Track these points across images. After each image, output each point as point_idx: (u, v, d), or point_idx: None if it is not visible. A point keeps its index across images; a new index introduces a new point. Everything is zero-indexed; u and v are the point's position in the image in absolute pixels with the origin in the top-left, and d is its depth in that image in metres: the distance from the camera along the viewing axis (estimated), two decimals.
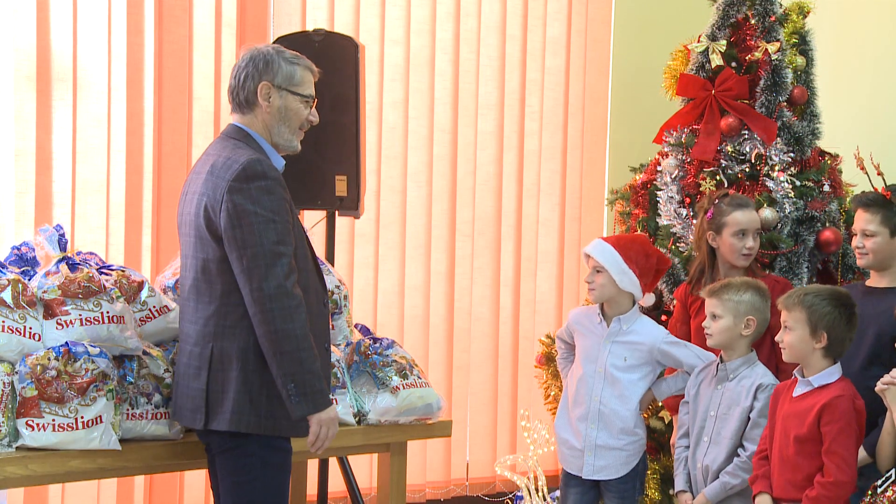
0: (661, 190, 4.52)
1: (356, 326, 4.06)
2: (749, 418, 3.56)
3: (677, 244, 4.41)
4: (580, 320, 3.96)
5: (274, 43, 4.59)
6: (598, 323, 3.88)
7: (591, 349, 3.87)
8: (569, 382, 3.95)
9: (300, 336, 3.05)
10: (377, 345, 3.86)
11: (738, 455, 3.56)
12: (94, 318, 3.32)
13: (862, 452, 3.42)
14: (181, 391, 3.27)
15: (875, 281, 3.79)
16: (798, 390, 3.34)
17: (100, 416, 3.22)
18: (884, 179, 3.86)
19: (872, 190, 3.83)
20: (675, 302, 4.33)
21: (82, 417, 3.19)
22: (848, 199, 4.48)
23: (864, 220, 3.75)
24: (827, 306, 3.30)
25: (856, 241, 3.78)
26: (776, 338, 3.43)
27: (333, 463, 4.64)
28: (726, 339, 3.63)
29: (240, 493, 3.19)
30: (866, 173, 3.90)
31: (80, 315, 3.31)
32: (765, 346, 3.81)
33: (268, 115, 3.24)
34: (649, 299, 4.32)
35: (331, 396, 3.28)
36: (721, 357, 3.69)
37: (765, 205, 4.26)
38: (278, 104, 3.24)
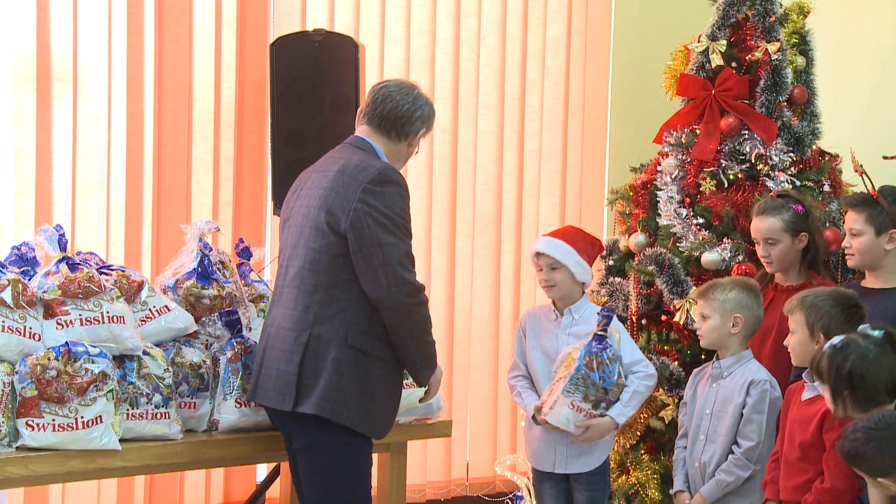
0: (661, 190, 4.52)
1: None
2: (742, 415, 3.57)
3: (677, 244, 4.41)
4: (535, 321, 4.03)
5: (275, 42, 4.61)
6: (554, 319, 3.97)
7: (547, 345, 3.94)
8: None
9: (426, 319, 3.34)
10: None
11: (733, 452, 3.57)
12: (94, 318, 3.33)
13: None
14: (267, 373, 3.37)
15: (870, 282, 3.79)
16: (805, 394, 3.34)
17: (100, 416, 3.22)
18: (870, 179, 3.87)
19: (865, 191, 3.84)
20: (675, 301, 4.34)
21: (82, 417, 3.19)
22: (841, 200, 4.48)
23: (851, 220, 3.78)
24: (825, 307, 3.29)
25: (844, 242, 3.81)
26: (784, 342, 3.43)
27: None
28: (716, 338, 3.65)
29: (325, 487, 3.31)
30: (865, 176, 3.91)
31: (80, 315, 3.31)
32: (771, 350, 3.82)
33: (405, 151, 3.50)
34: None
35: None
36: (717, 356, 3.70)
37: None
38: (412, 150, 3.54)
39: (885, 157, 4.23)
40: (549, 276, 3.90)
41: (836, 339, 3.04)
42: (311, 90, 4.54)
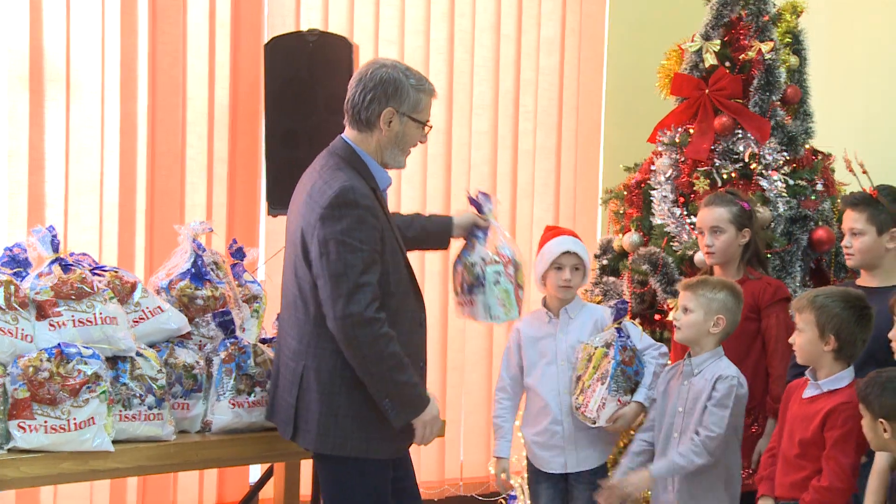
0: (654, 189, 4.53)
1: None
2: (706, 406, 3.55)
3: (671, 243, 4.41)
4: (530, 330, 4.00)
5: (269, 42, 4.60)
6: (548, 322, 3.96)
7: (547, 348, 3.93)
8: (529, 396, 3.99)
9: (387, 355, 3.10)
10: None
11: (692, 439, 3.54)
12: (86, 320, 3.31)
13: None
14: (278, 398, 3.37)
15: (866, 280, 3.80)
16: (808, 392, 3.36)
17: (92, 418, 3.20)
18: (870, 178, 3.88)
19: (861, 190, 3.84)
20: (668, 300, 4.35)
21: (74, 419, 3.18)
22: (840, 199, 4.48)
23: (851, 219, 3.77)
24: (836, 308, 3.29)
25: (844, 241, 3.81)
26: (790, 339, 3.43)
27: None
28: (693, 333, 3.62)
29: (339, 500, 3.27)
30: (855, 175, 3.93)
31: (73, 316, 3.30)
32: (752, 354, 3.83)
33: (384, 138, 3.26)
34: None
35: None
36: (688, 353, 3.69)
37: (758, 204, 4.27)
38: (397, 129, 3.25)
39: None
40: (571, 276, 3.90)
41: None
42: (306, 90, 4.53)
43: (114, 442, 3.28)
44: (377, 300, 3.10)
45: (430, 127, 3.35)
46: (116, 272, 3.56)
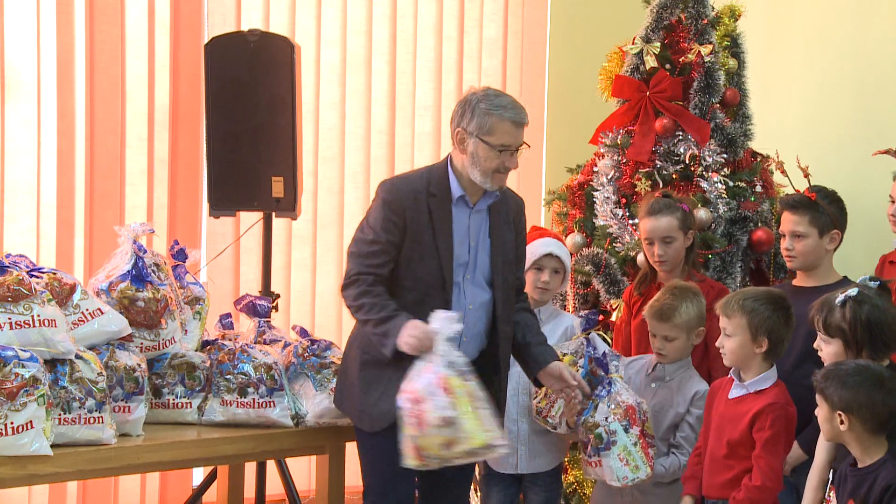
0: (597, 190, 4.56)
1: (294, 328, 4.04)
2: (685, 422, 3.61)
3: (613, 244, 4.45)
4: None
5: (210, 42, 4.56)
6: None
7: None
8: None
9: (354, 309, 3.43)
10: (315, 346, 3.84)
11: (676, 450, 3.59)
12: (24, 322, 3.26)
13: (798, 450, 3.48)
14: None
15: (802, 280, 3.84)
16: (734, 392, 3.38)
17: (30, 422, 3.15)
18: (809, 182, 3.93)
19: (796, 192, 3.89)
20: (612, 301, 4.38)
21: (12, 423, 3.13)
22: (778, 201, 4.54)
23: (792, 222, 3.78)
24: (766, 311, 3.32)
25: (785, 244, 3.82)
26: (717, 343, 3.45)
27: (272, 465, 4.61)
28: (682, 354, 3.66)
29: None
30: (786, 176, 3.98)
31: (10, 318, 3.25)
32: (695, 354, 3.87)
33: (464, 157, 3.43)
34: None
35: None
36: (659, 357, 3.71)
37: (699, 205, 4.32)
38: (471, 150, 3.39)
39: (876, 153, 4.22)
40: (550, 279, 3.90)
41: (851, 292, 3.16)
42: (247, 91, 4.51)
43: (53, 446, 3.23)
44: (369, 274, 3.39)
45: (511, 152, 3.40)
46: (55, 274, 3.51)
